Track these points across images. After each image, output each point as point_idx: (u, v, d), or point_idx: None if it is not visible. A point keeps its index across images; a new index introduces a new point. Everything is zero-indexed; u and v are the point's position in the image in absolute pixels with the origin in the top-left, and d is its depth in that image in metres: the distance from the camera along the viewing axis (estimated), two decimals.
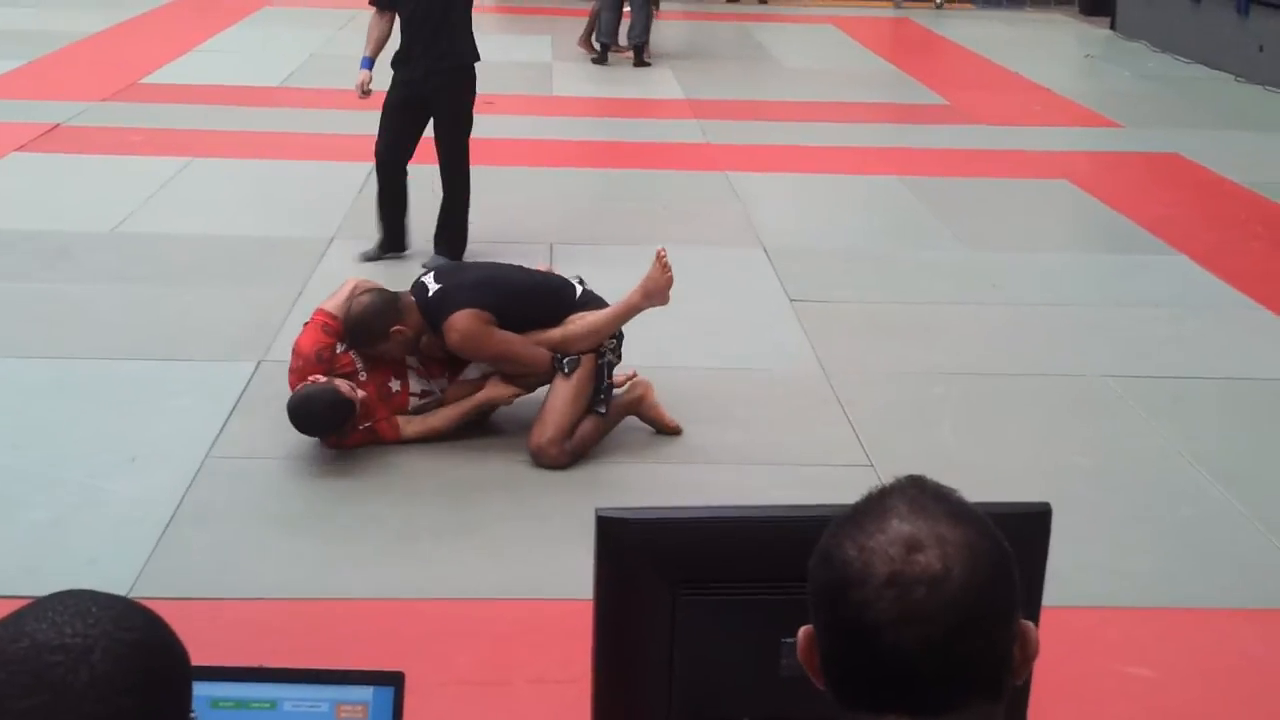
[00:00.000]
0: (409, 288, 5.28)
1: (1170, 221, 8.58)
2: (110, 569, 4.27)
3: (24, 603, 1.35)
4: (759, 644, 1.84)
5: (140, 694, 1.27)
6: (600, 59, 13.78)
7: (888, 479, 1.45)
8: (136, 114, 10.61)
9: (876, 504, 1.39)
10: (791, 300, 6.96)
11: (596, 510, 1.84)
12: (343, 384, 5.01)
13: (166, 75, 12.30)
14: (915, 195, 9.09)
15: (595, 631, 1.86)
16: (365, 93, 7.55)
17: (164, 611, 1.37)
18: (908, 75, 13.85)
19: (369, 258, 7.38)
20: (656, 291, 5.39)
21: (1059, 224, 8.93)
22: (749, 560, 1.83)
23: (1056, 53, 16.14)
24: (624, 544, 1.84)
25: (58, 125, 10.07)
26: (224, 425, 5.32)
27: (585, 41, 14.37)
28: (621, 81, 13.12)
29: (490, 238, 7.53)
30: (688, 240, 7.95)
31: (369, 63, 7.51)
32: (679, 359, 6.15)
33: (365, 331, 5.12)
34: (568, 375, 5.18)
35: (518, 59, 13.92)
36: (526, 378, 5.29)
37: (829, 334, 6.50)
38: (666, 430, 5.44)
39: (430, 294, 5.16)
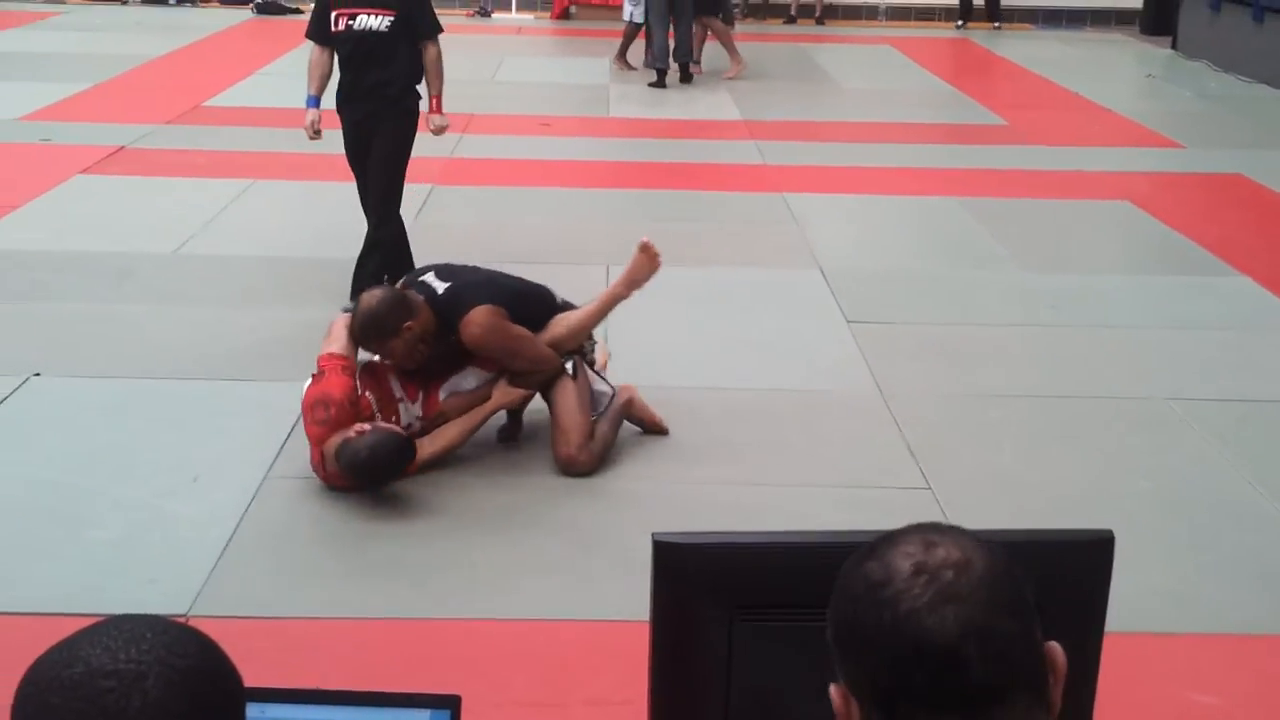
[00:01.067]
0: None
1: (1233, 243, 8.49)
2: (170, 588, 4.31)
3: (86, 621, 1.36)
4: (816, 671, 1.83)
5: None
6: (658, 83, 13.83)
7: (946, 500, 1.45)
8: (200, 137, 10.73)
9: (886, 539, 1.42)
10: (849, 321, 6.94)
11: (653, 535, 1.84)
12: (383, 426, 4.99)
13: (229, 98, 12.43)
14: (973, 216, 9.04)
15: (651, 657, 1.86)
16: (316, 133, 7.13)
17: (222, 631, 1.38)
18: (966, 96, 13.80)
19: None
20: (641, 280, 5.45)
21: (1119, 245, 8.86)
22: (807, 586, 1.81)
23: (1117, 72, 16.03)
24: (681, 569, 1.83)
25: (123, 148, 10.19)
26: (283, 445, 5.35)
27: (624, 60, 14.49)
28: (678, 103, 13.14)
29: (546, 259, 7.54)
30: (744, 261, 7.96)
31: (315, 101, 7.07)
32: (735, 380, 6.15)
33: (377, 327, 5.05)
34: (574, 377, 5.23)
35: (575, 81, 13.98)
36: (533, 375, 5.27)
37: (886, 355, 6.48)
38: (655, 430, 5.51)
39: (440, 293, 5.17)
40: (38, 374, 5.95)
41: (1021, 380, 6.24)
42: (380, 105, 6.82)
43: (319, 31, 6.94)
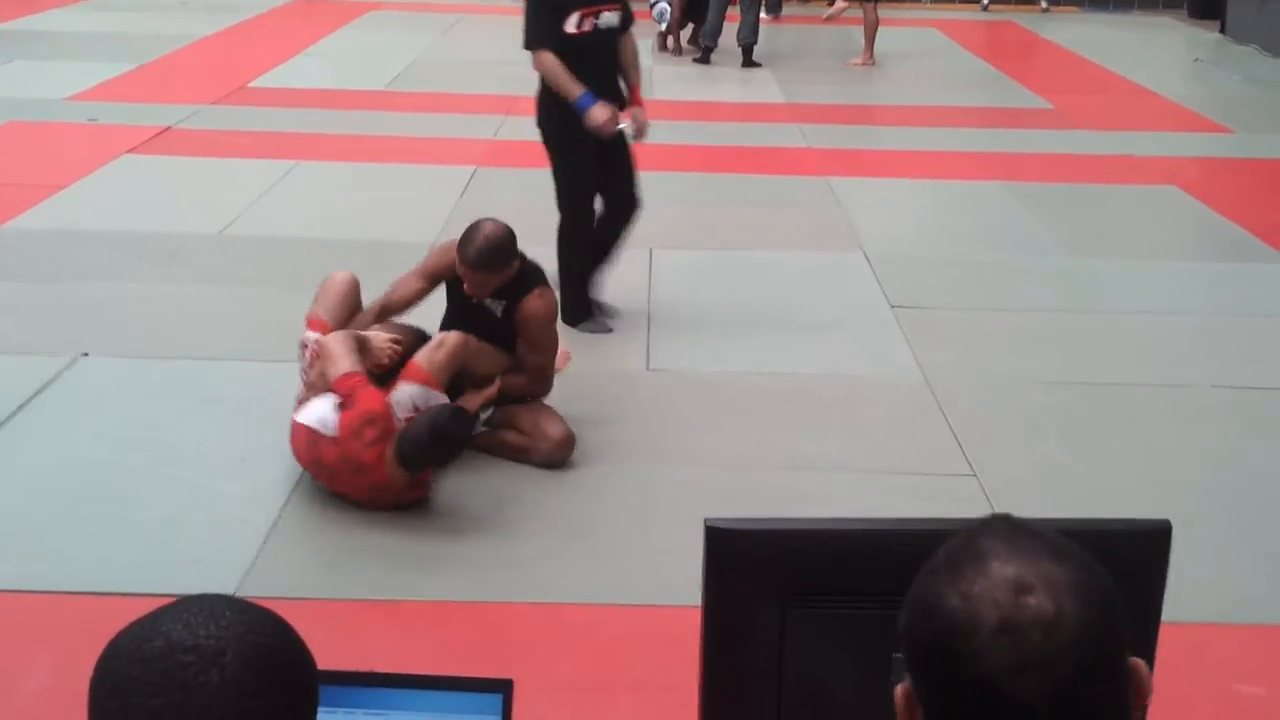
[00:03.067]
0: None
1: None
2: (217, 568, 4.34)
3: (134, 600, 1.37)
4: (869, 659, 1.82)
5: (267, 698, 1.29)
6: (703, 59, 13.89)
7: (991, 488, 1.42)
8: (245, 117, 10.77)
9: (968, 548, 1.32)
10: (893, 306, 6.91)
11: (705, 520, 1.83)
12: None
13: (274, 79, 12.47)
14: (1019, 201, 8.99)
15: (703, 644, 1.85)
16: (617, 122, 6.54)
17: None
18: (1011, 79, 13.70)
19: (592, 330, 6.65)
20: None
21: (1167, 231, 8.79)
22: (860, 573, 1.81)
23: (1164, 56, 15.88)
24: (732, 555, 1.83)
25: (168, 128, 10.25)
26: None
27: (664, 42, 14.49)
28: (722, 85, 13.11)
29: None
30: (788, 245, 7.94)
31: (592, 97, 6.34)
32: (778, 364, 6.13)
33: (499, 252, 5.08)
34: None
35: None
36: (518, 387, 5.23)
37: (930, 341, 6.45)
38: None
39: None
40: (86, 354, 5.99)
41: (1067, 367, 6.20)
42: (618, 102, 6.51)
43: (550, 35, 6.32)
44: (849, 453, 5.33)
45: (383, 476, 4.67)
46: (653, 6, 14.48)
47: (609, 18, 6.36)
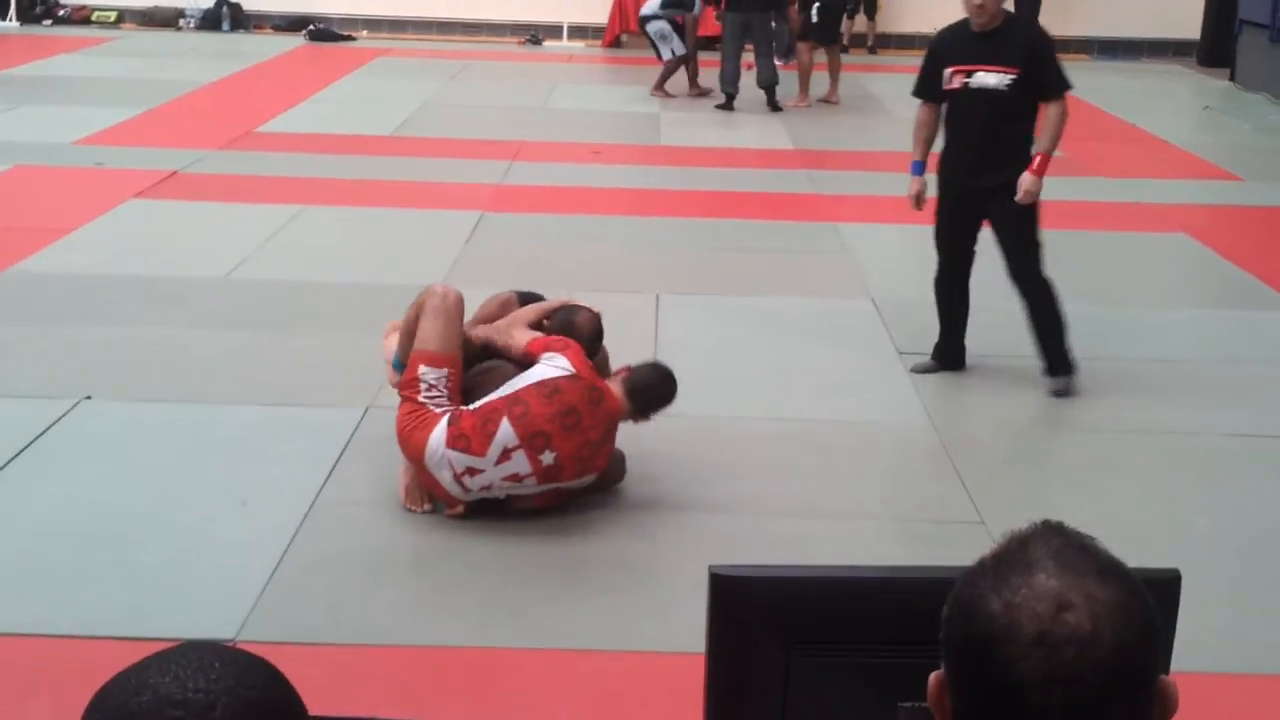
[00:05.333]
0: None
1: None
2: (218, 613, 4.30)
3: (134, 645, 1.34)
4: (874, 708, 1.79)
5: None
6: (727, 105, 13.99)
7: (999, 535, 1.40)
8: (251, 162, 10.80)
9: (1018, 554, 1.34)
10: (900, 353, 6.88)
11: (710, 567, 1.80)
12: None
13: (281, 124, 12.52)
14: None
15: (707, 691, 1.82)
16: (920, 205, 6.62)
17: (269, 657, 1.36)
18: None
19: (923, 369, 6.59)
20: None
21: (1176, 278, 8.77)
22: (866, 622, 1.78)
23: (1174, 104, 15.92)
24: (737, 602, 1.80)
25: (175, 173, 10.27)
26: (332, 470, 5.35)
27: (693, 84, 14.64)
28: (729, 131, 13.14)
29: (596, 287, 7.51)
30: (795, 291, 7.92)
31: (920, 167, 6.51)
32: (785, 410, 6.10)
33: (594, 342, 5.27)
34: None
35: (625, 108, 14.01)
36: None
37: (938, 387, 6.42)
38: None
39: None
40: (89, 397, 5.97)
41: (1076, 414, 6.16)
42: (997, 169, 6.20)
43: (925, 87, 6.46)
44: (856, 500, 5.29)
45: (615, 403, 4.93)
46: (646, 22, 14.54)
47: (985, 78, 6.12)
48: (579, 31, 19.36)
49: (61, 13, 19.39)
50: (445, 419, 4.85)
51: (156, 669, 1.28)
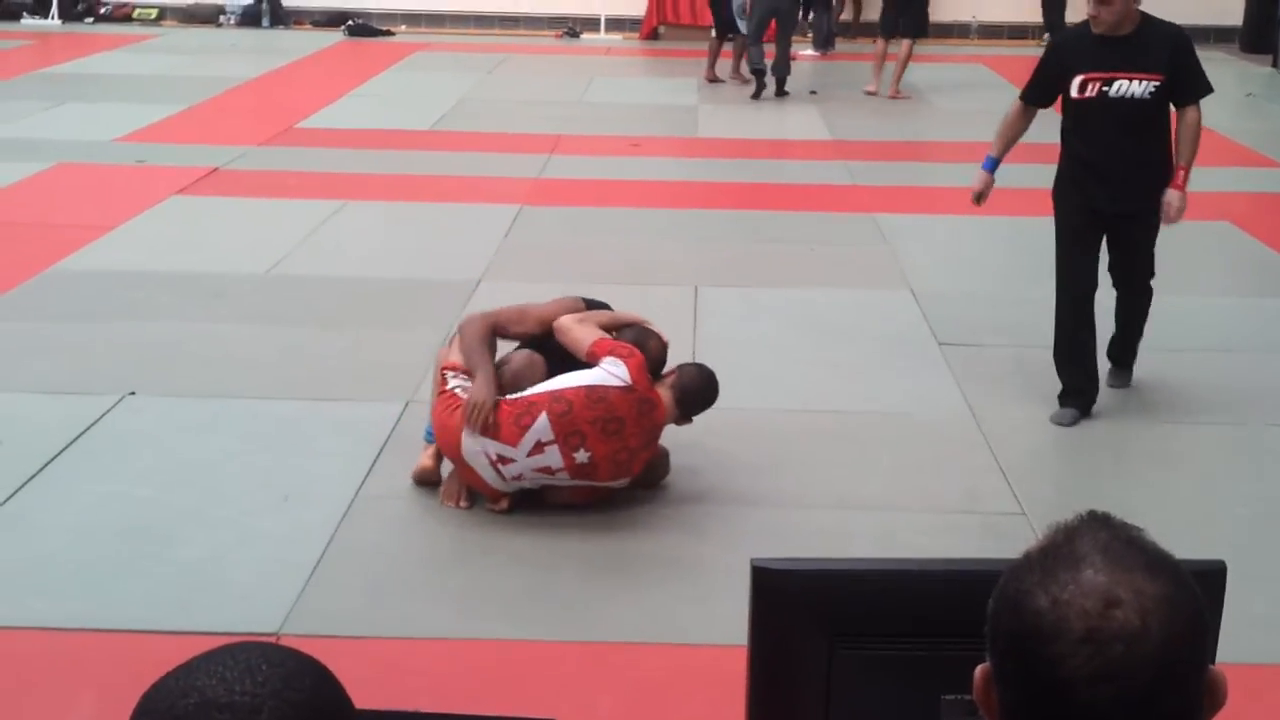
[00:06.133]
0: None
1: None
2: (260, 607, 4.33)
3: (177, 640, 1.35)
4: (917, 700, 1.79)
5: None
6: (756, 94, 13.93)
7: (1040, 527, 1.39)
8: (292, 158, 10.84)
9: (1065, 548, 1.33)
10: (940, 344, 6.85)
11: (751, 560, 1.80)
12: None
13: (321, 120, 12.56)
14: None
15: (749, 684, 1.82)
16: (981, 200, 6.32)
17: (311, 650, 1.36)
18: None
19: (1068, 421, 5.91)
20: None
21: (1220, 267, 8.69)
22: (909, 615, 1.78)
23: (1216, 91, 15.71)
24: (779, 595, 1.80)
25: (216, 169, 10.32)
26: (373, 465, 5.37)
27: (735, 73, 14.59)
28: (767, 123, 13.11)
29: (635, 280, 7.53)
30: (834, 282, 7.90)
31: (994, 164, 6.22)
32: (824, 402, 6.09)
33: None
34: None
35: (663, 101, 14.00)
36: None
37: (979, 378, 6.39)
38: None
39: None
40: (133, 392, 6.01)
41: (1117, 404, 6.13)
42: (1138, 191, 5.76)
43: (1033, 92, 6.07)
44: (897, 491, 5.27)
45: (662, 413, 4.95)
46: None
47: (1127, 86, 5.60)
48: (616, 24, 19.35)
49: (103, 10, 19.50)
50: None
51: (203, 671, 1.28)
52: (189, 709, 1.24)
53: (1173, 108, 5.76)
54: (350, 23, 18.94)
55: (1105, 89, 5.62)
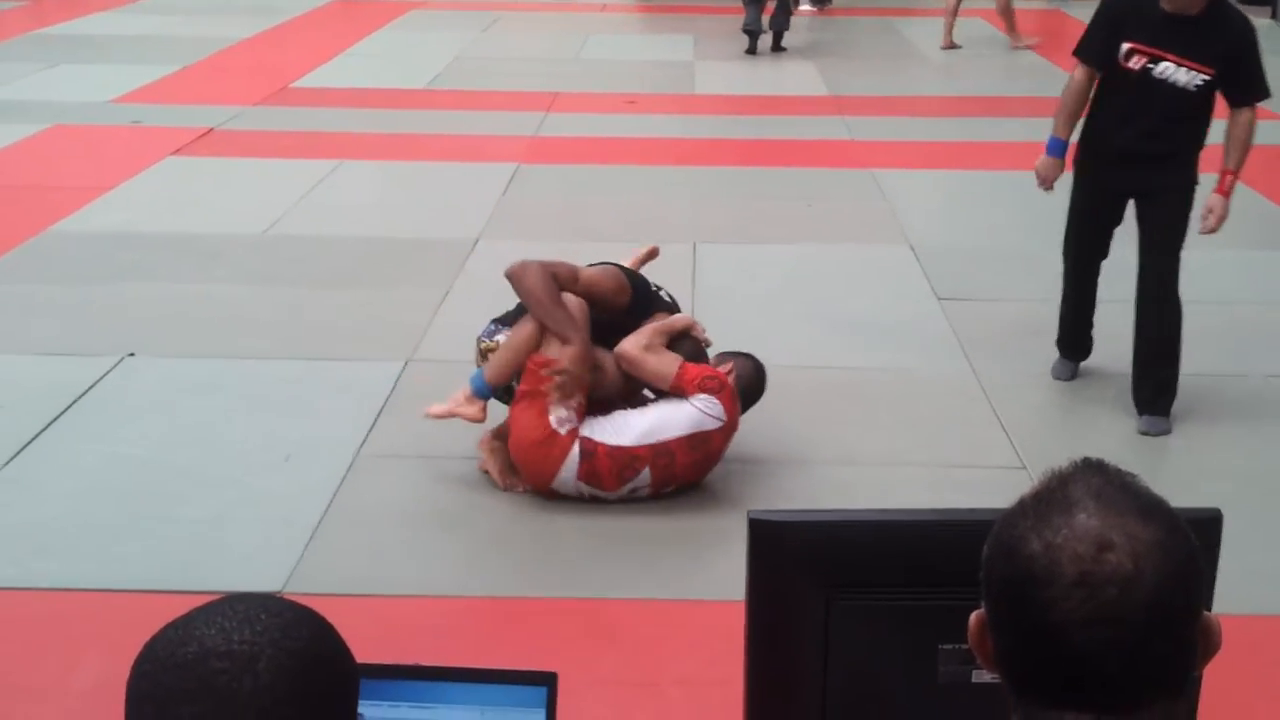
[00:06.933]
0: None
1: None
2: (263, 566, 4.35)
3: (181, 598, 1.36)
4: (916, 651, 1.80)
5: (302, 705, 1.27)
6: (751, 49, 13.87)
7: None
8: (288, 118, 10.81)
9: (1058, 494, 1.32)
10: (940, 299, 6.86)
11: (749, 513, 1.81)
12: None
13: (316, 79, 12.52)
14: (1069, 192, 8.87)
15: (747, 637, 1.83)
16: (1050, 186, 5.79)
17: (316, 607, 1.37)
18: (1059, 68, 13.58)
19: (1065, 376, 5.93)
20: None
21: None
22: (906, 565, 1.79)
23: None
24: (777, 547, 1.81)
25: (212, 129, 10.29)
26: (373, 424, 5.38)
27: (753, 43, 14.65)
28: (764, 79, 13.06)
29: (634, 236, 7.50)
30: (832, 238, 7.89)
31: (1062, 147, 5.64)
32: (824, 358, 6.10)
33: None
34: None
35: (660, 58, 13.94)
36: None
37: (979, 333, 6.39)
38: None
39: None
40: (132, 354, 6.02)
41: (1117, 358, 6.12)
42: (1159, 174, 5.40)
43: (1095, 52, 5.47)
44: (897, 446, 5.29)
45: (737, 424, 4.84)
46: None
47: (1173, 71, 5.20)
48: None
49: None
50: (577, 449, 4.66)
51: (203, 621, 1.29)
52: (188, 658, 1.25)
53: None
54: None
55: (1150, 66, 5.23)
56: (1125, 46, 5.27)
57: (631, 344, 4.77)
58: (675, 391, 4.73)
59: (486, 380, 4.81)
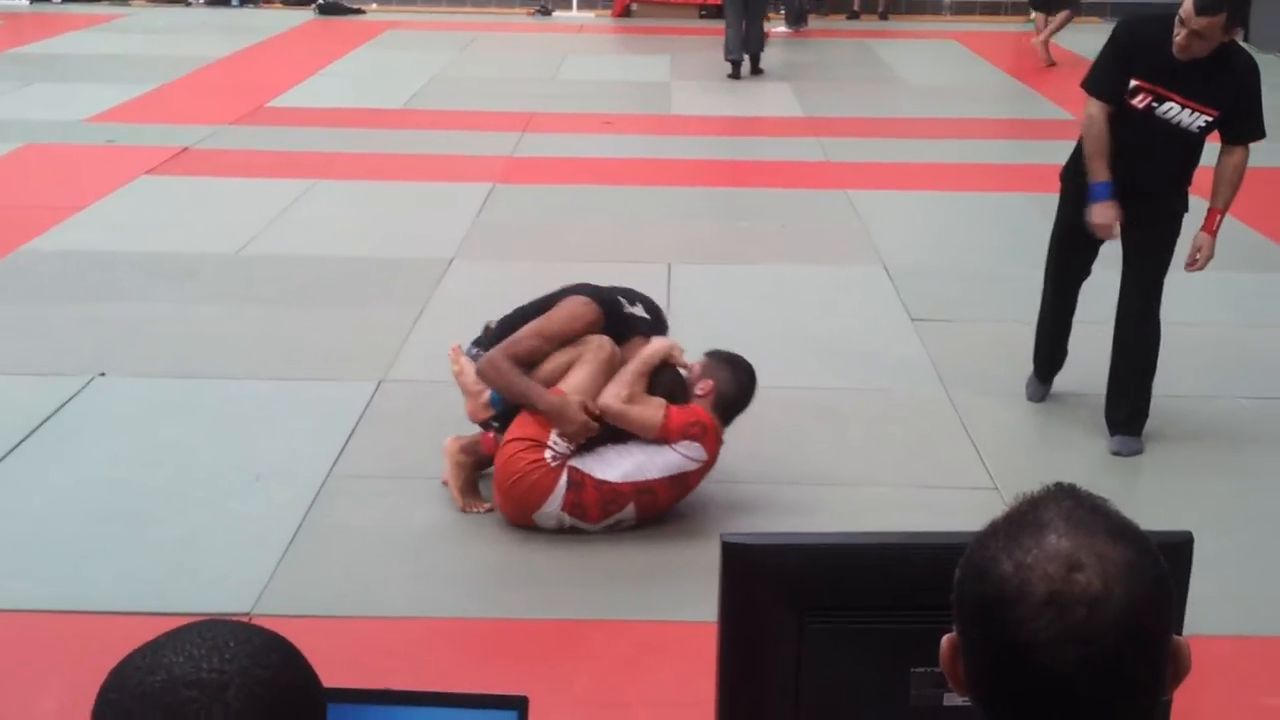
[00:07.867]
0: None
1: None
2: (233, 587, 4.32)
3: (150, 620, 1.34)
4: (888, 674, 1.80)
5: None
6: (734, 74, 13.88)
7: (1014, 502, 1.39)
8: (263, 137, 10.78)
9: (1029, 516, 1.34)
10: (913, 320, 6.87)
11: (722, 536, 1.80)
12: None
13: (292, 99, 12.49)
14: (1042, 214, 8.87)
15: (719, 659, 1.82)
16: (1113, 234, 5.39)
17: (284, 630, 1.36)
18: (1034, 91, 13.66)
19: (1039, 397, 5.96)
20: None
21: (1188, 241, 8.69)
22: (879, 587, 1.78)
23: None
24: (749, 570, 1.80)
25: (186, 149, 10.26)
26: (345, 444, 5.35)
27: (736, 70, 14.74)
28: (740, 100, 13.09)
29: (607, 258, 7.52)
30: (807, 259, 7.90)
31: (1108, 190, 5.28)
32: (797, 379, 6.09)
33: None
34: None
35: (636, 78, 13.96)
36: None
37: (952, 354, 6.40)
38: None
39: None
40: (103, 373, 5.98)
41: (1091, 379, 6.13)
42: (1143, 205, 5.33)
43: (1109, 87, 5.29)
44: (870, 467, 5.29)
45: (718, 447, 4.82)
46: None
47: (1177, 112, 5.16)
48: (589, 2, 19.28)
49: None
50: (564, 480, 4.63)
51: (171, 648, 1.27)
52: (156, 686, 1.24)
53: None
54: (320, 1, 18.84)
55: (1154, 105, 5.16)
56: (1132, 84, 5.19)
57: (613, 396, 4.70)
58: (661, 441, 4.70)
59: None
